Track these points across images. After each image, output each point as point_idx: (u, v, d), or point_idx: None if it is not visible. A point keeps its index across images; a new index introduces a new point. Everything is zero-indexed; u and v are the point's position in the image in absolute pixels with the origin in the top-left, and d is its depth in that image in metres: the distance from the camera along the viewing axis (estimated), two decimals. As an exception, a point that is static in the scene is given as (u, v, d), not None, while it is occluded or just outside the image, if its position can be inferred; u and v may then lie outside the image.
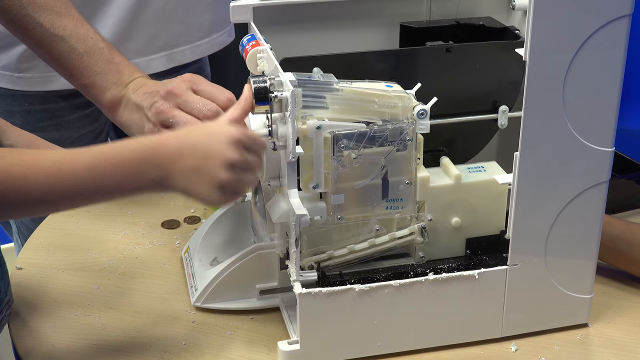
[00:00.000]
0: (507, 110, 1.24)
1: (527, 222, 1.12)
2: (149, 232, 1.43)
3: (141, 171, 0.99)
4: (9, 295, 1.20)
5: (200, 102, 1.13)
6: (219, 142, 1.00)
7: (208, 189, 1.01)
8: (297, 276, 1.11)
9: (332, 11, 1.25)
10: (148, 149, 0.99)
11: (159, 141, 1.00)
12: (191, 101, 1.13)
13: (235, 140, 1.01)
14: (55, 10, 1.22)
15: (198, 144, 1.00)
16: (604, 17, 1.03)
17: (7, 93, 1.57)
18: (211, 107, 1.12)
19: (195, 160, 0.99)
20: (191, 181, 1.00)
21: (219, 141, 1.01)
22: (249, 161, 1.03)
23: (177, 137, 1.02)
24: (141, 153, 0.99)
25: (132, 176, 0.99)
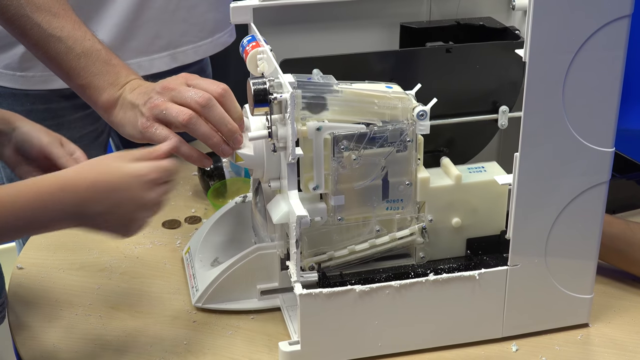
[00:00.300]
0: (507, 110, 1.24)
1: (527, 222, 1.12)
2: (150, 232, 1.43)
3: (53, 210, 1.00)
4: (3, 298, 1.20)
5: (193, 91, 1.13)
6: (136, 185, 1.03)
7: (122, 228, 1.05)
8: (298, 277, 1.11)
9: (332, 12, 1.25)
10: (58, 186, 1.00)
11: (69, 180, 1.01)
12: (184, 91, 1.14)
13: (153, 181, 1.04)
14: (53, 12, 1.22)
15: (115, 187, 1.02)
16: (604, 17, 1.03)
17: (9, 92, 1.57)
18: (203, 94, 1.12)
19: (112, 203, 1.02)
20: (107, 221, 1.03)
21: (136, 184, 1.03)
22: (163, 194, 1.06)
23: (88, 179, 1.02)
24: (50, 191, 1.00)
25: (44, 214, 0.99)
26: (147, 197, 1.03)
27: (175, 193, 1.54)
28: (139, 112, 1.16)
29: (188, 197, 1.53)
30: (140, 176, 1.03)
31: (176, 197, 1.53)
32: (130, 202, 1.03)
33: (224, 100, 1.13)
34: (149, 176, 1.04)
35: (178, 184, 1.57)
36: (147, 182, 1.03)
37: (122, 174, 1.03)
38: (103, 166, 1.05)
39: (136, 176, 1.03)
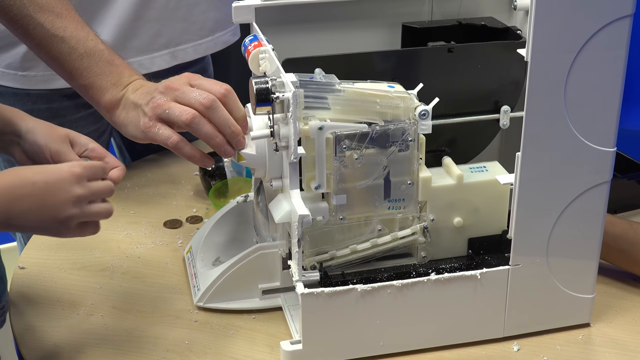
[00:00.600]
0: (509, 110, 1.24)
1: (529, 222, 1.12)
2: (151, 232, 1.43)
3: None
4: (3, 302, 1.20)
5: (196, 92, 1.13)
6: (60, 179, 1.00)
7: (53, 225, 1.01)
8: (300, 276, 1.11)
9: (334, 12, 1.25)
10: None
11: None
12: (187, 91, 1.14)
13: (77, 175, 1.01)
14: (56, 12, 1.22)
15: (36, 179, 1.00)
16: (605, 17, 1.03)
17: (10, 92, 1.57)
18: (207, 95, 1.12)
19: (36, 198, 0.99)
20: (34, 219, 1.00)
21: (60, 178, 1.00)
22: (94, 191, 1.03)
23: (10, 178, 0.99)
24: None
25: None
26: (75, 191, 1.01)
27: (177, 193, 1.54)
28: (141, 111, 1.16)
29: (189, 196, 1.53)
30: (64, 170, 1.01)
31: (177, 197, 1.53)
32: (58, 197, 0.99)
33: (227, 101, 1.13)
34: (73, 169, 1.01)
35: (179, 183, 1.57)
36: (72, 174, 1.01)
37: (47, 170, 1.02)
38: (24, 168, 1.03)
39: (61, 169, 1.01)
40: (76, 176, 1.01)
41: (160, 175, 1.59)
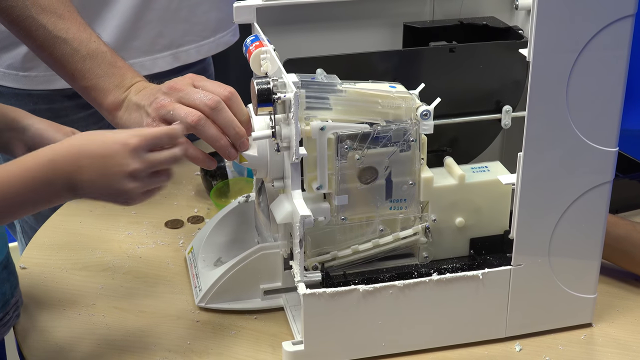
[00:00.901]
0: (510, 110, 1.24)
1: (531, 222, 1.12)
2: (153, 232, 1.43)
3: (47, 185, 0.98)
4: (17, 297, 1.20)
5: (201, 93, 1.13)
6: (117, 152, 1.00)
7: (115, 197, 1.02)
8: (302, 277, 1.11)
9: (335, 12, 1.25)
10: (46, 163, 0.98)
11: (54, 153, 0.99)
12: (192, 93, 1.13)
13: (135, 148, 1.00)
14: (58, 13, 1.22)
15: (94, 153, 0.99)
16: (607, 17, 1.03)
17: (12, 92, 1.57)
18: (212, 97, 1.12)
19: (95, 170, 0.99)
20: (96, 190, 1.01)
21: (117, 151, 1.00)
22: (153, 163, 1.02)
23: (72, 150, 1.00)
24: (40, 169, 0.98)
25: (39, 192, 0.98)
26: (131, 164, 1.00)
27: (178, 193, 1.54)
28: (144, 112, 1.16)
29: (191, 196, 1.53)
30: (120, 141, 1.00)
31: (179, 196, 1.53)
32: (114, 170, 0.99)
33: (231, 103, 1.13)
34: (129, 141, 1.00)
35: (180, 183, 1.57)
36: (127, 147, 1.00)
37: (106, 141, 1.01)
38: (87, 135, 1.03)
39: (116, 141, 1.00)
40: (131, 149, 1.00)
41: (162, 176, 1.59)
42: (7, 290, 1.17)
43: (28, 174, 0.98)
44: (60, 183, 0.99)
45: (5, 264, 1.18)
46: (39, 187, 0.98)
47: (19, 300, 1.21)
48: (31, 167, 0.99)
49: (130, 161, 1.00)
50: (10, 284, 1.18)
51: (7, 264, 1.18)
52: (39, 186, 0.98)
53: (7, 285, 1.18)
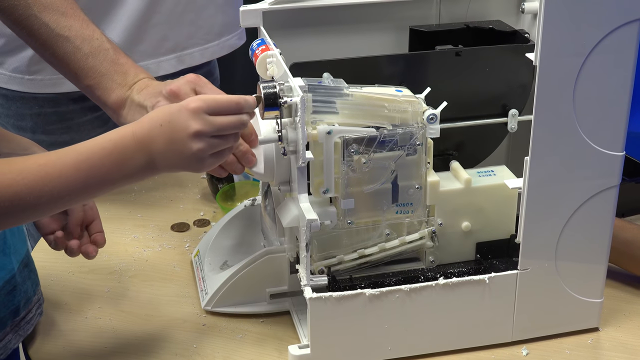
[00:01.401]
0: (516, 114, 1.24)
1: (537, 226, 1.12)
2: (159, 235, 1.43)
3: (127, 159, 1.00)
4: (38, 295, 1.21)
5: None
6: (178, 116, 1.01)
7: (186, 162, 1.02)
8: (308, 280, 1.11)
9: (341, 15, 1.25)
10: (127, 135, 1.00)
11: (134, 126, 1.01)
12: None
13: (195, 109, 1.01)
14: (61, 11, 1.22)
15: (161, 120, 1.01)
16: (614, 21, 1.03)
17: (17, 96, 1.57)
18: None
19: (164, 137, 1.01)
20: (169, 158, 1.01)
21: (178, 114, 1.01)
22: (216, 126, 1.02)
23: (149, 118, 1.02)
24: (122, 140, 1.00)
25: (119, 165, 1.00)
26: (192, 125, 1.00)
27: (184, 196, 1.54)
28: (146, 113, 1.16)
29: (196, 200, 1.53)
30: (181, 105, 1.02)
31: (185, 200, 1.53)
32: (179, 134, 1.00)
33: None
34: (189, 104, 1.01)
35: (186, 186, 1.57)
36: (187, 110, 1.01)
37: (170, 108, 1.03)
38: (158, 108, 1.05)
39: (178, 107, 1.02)
40: (191, 110, 1.01)
41: (168, 179, 1.59)
42: (29, 288, 1.18)
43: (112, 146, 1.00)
44: (140, 156, 1.00)
45: (26, 262, 1.19)
46: (120, 158, 1.00)
47: (41, 298, 1.22)
48: (114, 138, 1.00)
49: (192, 122, 1.01)
50: (32, 281, 1.19)
51: (27, 262, 1.19)
52: (122, 158, 1.00)
53: (29, 282, 1.19)
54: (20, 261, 1.17)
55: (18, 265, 1.16)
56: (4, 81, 1.56)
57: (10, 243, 1.14)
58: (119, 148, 1.00)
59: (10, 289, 1.14)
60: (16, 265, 1.15)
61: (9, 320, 1.14)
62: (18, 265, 1.16)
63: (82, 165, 0.98)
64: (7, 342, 1.14)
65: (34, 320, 1.19)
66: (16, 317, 1.16)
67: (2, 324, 1.13)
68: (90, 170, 0.99)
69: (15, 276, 1.15)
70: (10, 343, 1.15)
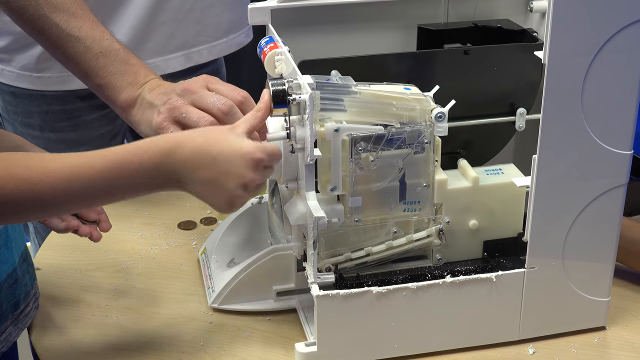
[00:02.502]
0: (524, 112, 1.24)
1: (545, 225, 1.11)
2: (166, 233, 1.44)
3: (157, 176, 0.99)
4: (35, 288, 1.21)
5: (215, 97, 1.13)
6: (239, 161, 1.00)
7: (220, 202, 1.02)
8: (315, 278, 1.11)
9: (349, 13, 1.25)
10: (164, 153, 0.98)
11: (176, 145, 0.99)
12: (206, 96, 1.13)
13: (257, 161, 1.01)
14: (71, 12, 1.22)
15: (218, 157, 0.99)
16: (623, 20, 1.03)
17: (25, 93, 1.58)
18: (225, 101, 1.12)
19: (213, 173, 1.00)
20: (206, 191, 1.01)
21: (240, 160, 1.00)
22: (264, 178, 1.04)
23: (195, 144, 0.99)
24: (158, 157, 0.98)
25: (148, 180, 0.99)
26: (248, 176, 1.00)
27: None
28: (156, 111, 1.16)
29: (204, 198, 1.53)
30: (247, 154, 1.00)
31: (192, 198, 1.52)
32: (231, 177, 1.00)
33: (244, 108, 1.13)
34: (255, 155, 1.01)
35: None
36: (252, 161, 1.00)
37: (230, 147, 1.00)
38: (212, 134, 1.02)
39: (243, 153, 1.00)
40: (256, 162, 1.01)
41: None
42: (27, 282, 1.19)
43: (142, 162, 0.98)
44: (169, 175, 0.99)
45: (25, 256, 1.19)
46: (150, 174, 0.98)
47: (37, 292, 1.23)
48: (148, 151, 0.98)
49: (250, 173, 1.01)
50: (30, 275, 1.20)
51: (26, 257, 1.20)
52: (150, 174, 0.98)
53: (27, 276, 1.19)
54: (20, 255, 1.17)
55: (18, 259, 1.16)
56: (12, 79, 1.57)
57: (12, 237, 1.14)
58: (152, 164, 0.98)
59: (11, 283, 1.14)
60: (17, 259, 1.16)
61: (10, 314, 1.15)
62: (18, 259, 1.16)
63: (109, 175, 0.97)
64: (7, 334, 1.14)
65: (32, 313, 1.20)
66: (16, 310, 1.16)
67: (3, 317, 1.13)
68: (117, 180, 0.98)
69: (17, 270, 1.15)
70: (10, 336, 1.15)
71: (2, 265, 1.12)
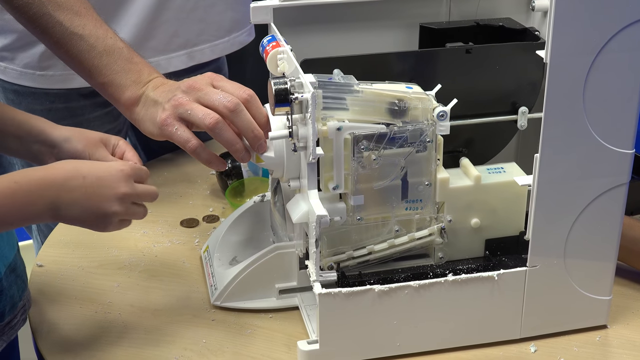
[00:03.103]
0: (526, 111, 1.24)
1: (546, 223, 1.12)
2: (168, 231, 1.44)
3: (29, 203, 1.02)
4: (24, 301, 1.21)
5: (220, 94, 1.13)
6: (110, 175, 1.06)
7: (96, 219, 1.06)
8: (317, 276, 1.11)
9: (352, 12, 1.25)
10: (35, 180, 1.03)
11: (46, 172, 1.04)
12: (211, 93, 1.14)
13: (128, 174, 1.07)
14: (74, 10, 1.23)
15: (87, 173, 1.05)
16: (625, 18, 1.03)
17: (28, 91, 1.58)
18: (231, 99, 1.12)
19: (84, 191, 1.04)
20: (79, 211, 1.05)
21: (110, 174, 1.06)
22: (139, 192, 1.08)
23: (65, 169, 1.05)
24: (29, 185, 1.02)
25: (20, 208, 1.02)
26: (122, 188, 1.06)
27: (193, 192, 1.55)
28: (161, 108, 1.16)
29: (206, 196, 1.54)
30: (119, 169, 1.07)
31: (194, 196, 1.54)
32: (106, 191, 1.05)
33: (250, 105, 1.13)
34: (126, 168, 1.07)
35: (196, 182, 1.58)
36: (121, 172, 1.07)
37: (101, 165, 1.08)
38: (81, 161, 1.10)
39: (115, 168, 1.07)
40: (125, 175, 1.07)
41: (177, 175, 1.60)
42: (15, 293, 1.18)
43: (17, 187, 1.01)
44: (44, 201, 1.02)
45: (13, 267, 1.19)
46: (24, 202, 1.02)
47: (27, 304, 1.22)
48: (20, 181, 1.02)
49: (122, 185, 1.07)
50: (18, 287, 1.19)
51: (14, 267, 1.19)
52: (24, 202, 1.02)
53: (15, 288, 1.18)
54: (7, 266, 1.17)
55: (5, 270, 1.16)
56: (15, 77, 1.57)
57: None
58: (24, 192, 1.02)
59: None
60: (2, 270, 1.15)
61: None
62: (5, 270, 1.16)
63: None
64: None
65: (18, 326, 1.20)
66: (1, 322, 1.16)
67: None
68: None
69: (2, 280, 1.15)
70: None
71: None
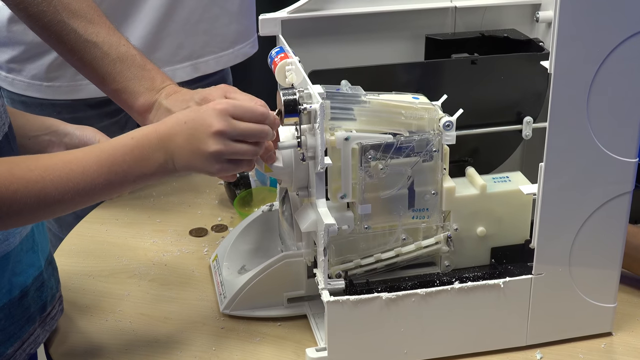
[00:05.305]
0: (531, 121, 1.25)
1: (552, 231, 1.13)
2: (177, 240, 1.45)
3: (147, 156, 1.03)
4: (60, 291, 1.23)
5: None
6: (204, 114, 1.05)
7: (202, 161, 1.05)
8: (325, 284, 1.13)
9: (358, 24, 1.27)
10: (150, 132, 1.04)
11: (157, 127, 1.05)
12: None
13: (221, 110, 1.05)
14: (88, 18, 1.24)
15: (186, 118, 1.05)
16: (628, 29, 1.04)
17: (36, 102, 1.59)
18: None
19: (185, 134, 1.04)
20: (186, 156, 1.05)
21: (204, 113, 1.05)
22: (239, 130, 1.05)
23: (171, 121, 1.06)
24: (144, 138, 1.04)
25: (139, 162, 1.03)
26: (215, 124, 1.04)
27: (202, 202, 1.56)
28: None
29: (214, 205, 1.55)
30: (209, 106, 1.06)
31: (203, 205, 1.55)
32: (201, 129, 1.04)
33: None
34: (217, 105, 1.06)
35: (204, 192, 1.59)
36: (214, 110, 1.05)
37: (196, 110, 1.07)
38: (180, 111, 1.10)
39: (206, 107, 1.06)
40: (217, 111, 1.05)
41: (185, 185, 1.61)
42: (53, 285, 1.21)
43: (134, 143, 1.03)
44: (160, 154, 1.04)
45: (50, 259, 1.21)
46: (140, 155, 1.03)
47: (61, 295, 1.24)
48: (136, 136, 1.04)
49: (215, 121, 1.04)
50: (55, 278, 1.22)
51: (51, 260, 1.22)
52: (143, 156, 1.03)
53: (53, 279, 1.21)
54: (46, 258, 1.19)
55: (44, 263, 1.18)
56: (23, 88, 1.59)
57: (38, 241, 1.16)
58: (140, 146, 1.03)
59: (39, 285, 1.16)
60: (43, 263, 1.18)
61: (37, 316, 1.17)
62: (44, 262, 1.18)
63: (104, 162, 1.01)
64: (36, 336, 1.16)
65: (57, 315, 1.22)
66: (43, 312, 1.18)
67: (32, 320, 1.15)
68: (112, 167, 1.02)
69: (43, 273, 1.17)
70: (38, 338, 1.17)
71: (29, 268, 1.14)
